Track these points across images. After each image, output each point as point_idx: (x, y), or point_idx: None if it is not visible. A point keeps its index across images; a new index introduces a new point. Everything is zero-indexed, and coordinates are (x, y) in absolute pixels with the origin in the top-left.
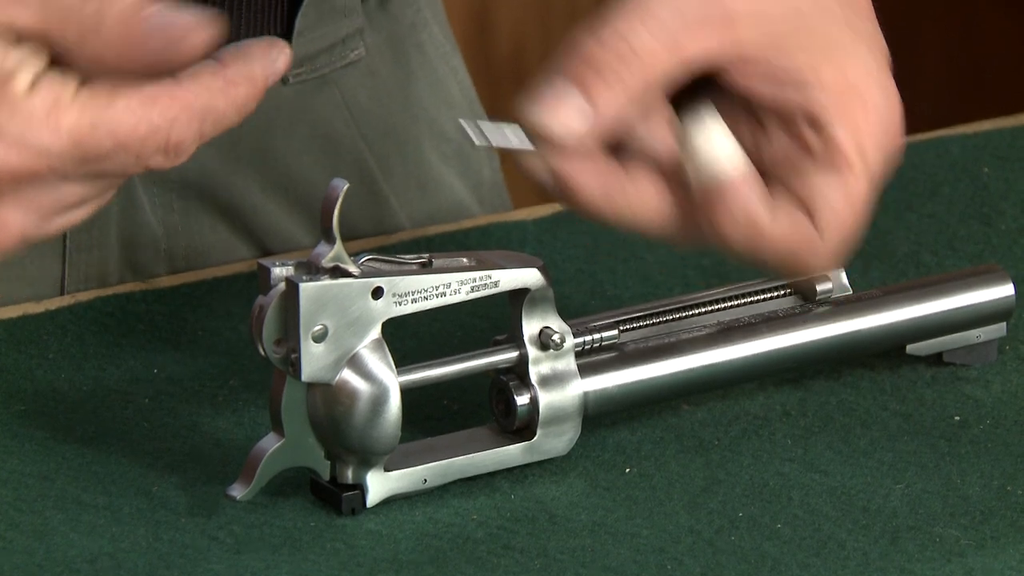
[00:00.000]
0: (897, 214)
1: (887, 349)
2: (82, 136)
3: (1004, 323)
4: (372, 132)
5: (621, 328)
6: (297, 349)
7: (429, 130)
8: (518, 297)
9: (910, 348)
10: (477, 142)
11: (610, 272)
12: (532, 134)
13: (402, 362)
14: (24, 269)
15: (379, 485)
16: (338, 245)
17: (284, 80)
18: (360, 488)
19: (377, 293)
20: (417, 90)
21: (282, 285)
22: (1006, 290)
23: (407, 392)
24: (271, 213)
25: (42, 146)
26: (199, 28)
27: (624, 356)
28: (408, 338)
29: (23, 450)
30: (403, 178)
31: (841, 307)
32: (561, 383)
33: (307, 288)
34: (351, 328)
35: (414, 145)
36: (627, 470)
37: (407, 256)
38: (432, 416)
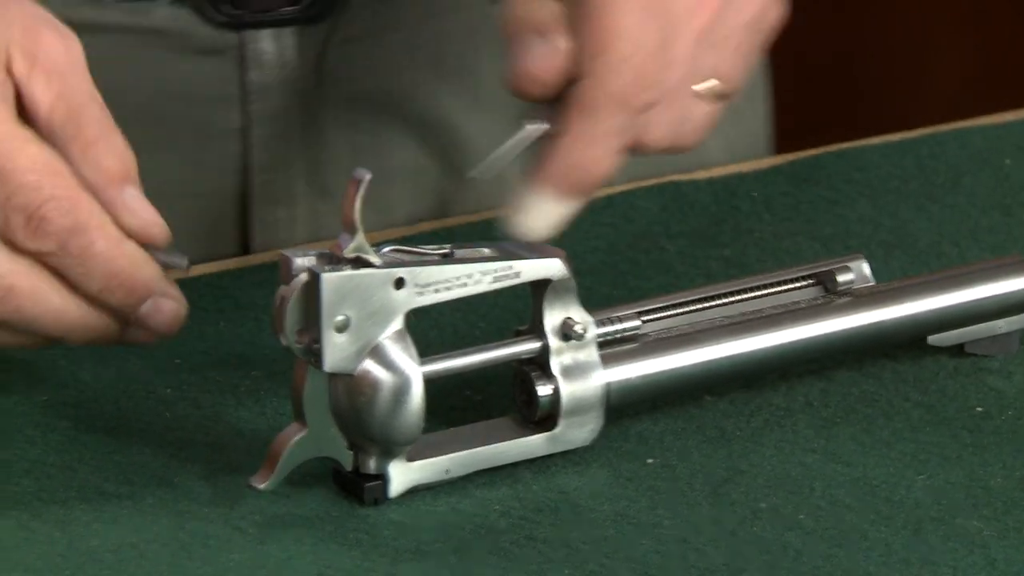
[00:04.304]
0: (919, 205)
1: (909, 340)
2: None
3: None
4: None
5: (643, 319)
6: (319, 339)
7: None
8: (540, 288)
9: (932, 339)
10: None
11: (632, 263)
12: None
13: (424, 352)
14: (203, 186)
15: (401, 475)
16: (360, 235)
17: None
18: (382, 478)
19: (399, 283)
20: None
21: (304, 275)
22: None
23: (429, 383)
24: (472, 134)
25: None
26: (157, 229)
27: (646, 347)
28: (430, 329)
29: (46, 440)
30: None
31: (863, 298)
32: (583, 374)
33: (329, 278)
34: (373, 318)
35: None
36: (649, 460)
37: (429, 247)
38: (454, 407)
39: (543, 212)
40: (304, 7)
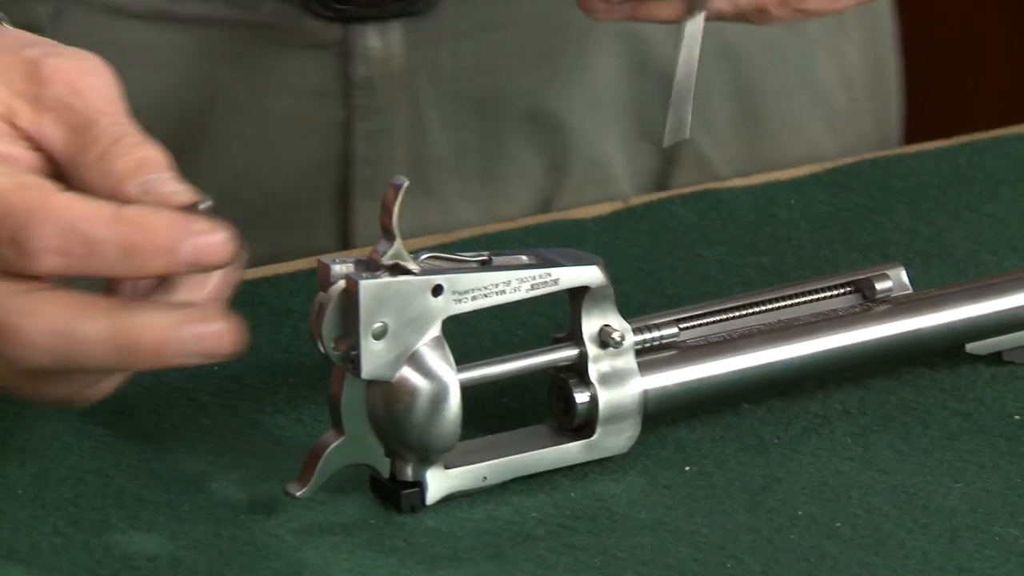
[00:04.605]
0: (957, 213)
1: (947, 348)
2: None
3: None
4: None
5: (681, 326)
6: (357, 347)
7: (783, 60)
8: (578, 295)
9: (969, 347)
10: None
11: (669, 270)
12: None
13: (462, 360)
14: (304, 179)
15: (439, 482)
16: (398, 242)
17: None
18: (420, 485)
19: (437, 291)
20: None
21: (342, 282)
22: None
23: (467, 390)
24: (581, 134)
25: None
26: (182, 194)
27: (684, 354)
28: (468, 336)
29: (83, 447)
30: (725, 103)
31: (901, 306)
32: (621, 381)
33: (367, 286)
34: (411, 325)
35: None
36: (687, 468)
37: (467, 254)
38: (492, 414)
39: None
40: (410, 1)
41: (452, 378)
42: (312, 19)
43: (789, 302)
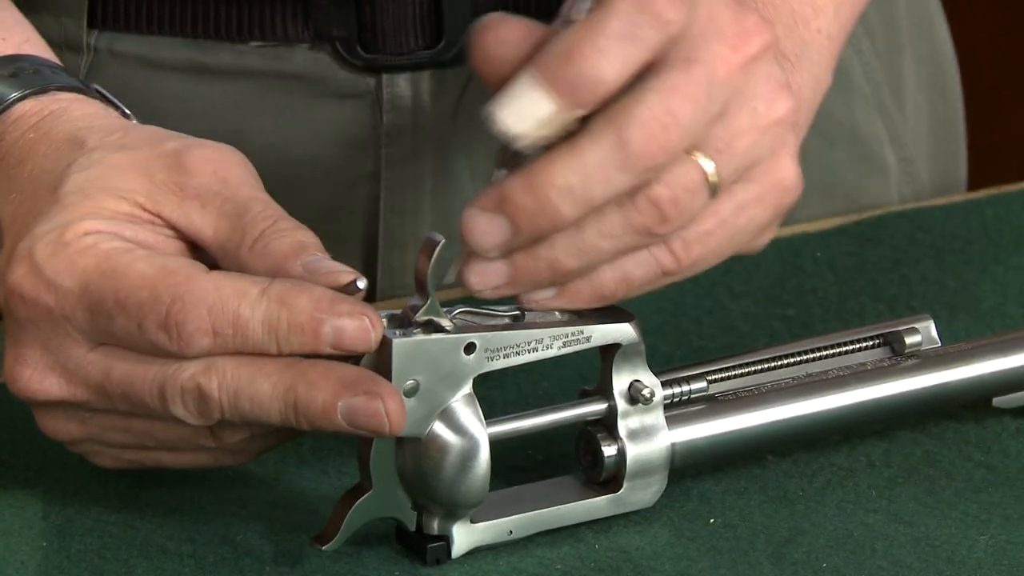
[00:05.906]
0: (983, 266)
1: (973, 401)
2: (89, 281)
3: None
4: None
5: (709, 379)
6: None
7: (828, 114)
8: (609, 351)
9: (996, 401)
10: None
11: (696, 323)
12: None
13: (490, 413)
14: (333, 229)
15: (464, 536)
16: (432, 299)
17: None
18: (446, 539)
19: (470, 348)
20: None
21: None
22: None
23: (493, 442)
24: None
25: (54, 278)
26: (344, 274)
27: (712, 408)
28: (494, 388)
29: (107, 498)
30: None
31: (928, 359)
32: (649, 436)
33: (400, 344)
34: (443, 383)
35: None
36: (711, 520)
37: (500, 308)
38: (517, 466)
39: (525, 105)
40: (439, 50)
41: (483, 435)
42: (345, 69)
43: (817, 355)
